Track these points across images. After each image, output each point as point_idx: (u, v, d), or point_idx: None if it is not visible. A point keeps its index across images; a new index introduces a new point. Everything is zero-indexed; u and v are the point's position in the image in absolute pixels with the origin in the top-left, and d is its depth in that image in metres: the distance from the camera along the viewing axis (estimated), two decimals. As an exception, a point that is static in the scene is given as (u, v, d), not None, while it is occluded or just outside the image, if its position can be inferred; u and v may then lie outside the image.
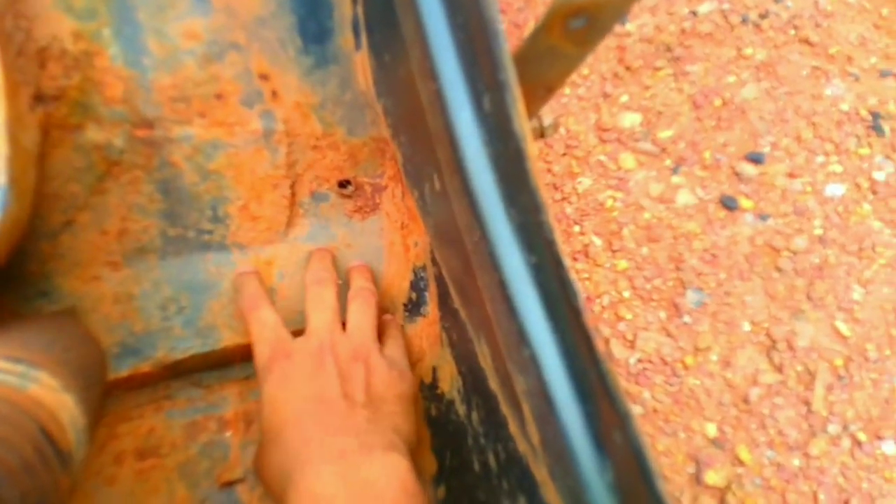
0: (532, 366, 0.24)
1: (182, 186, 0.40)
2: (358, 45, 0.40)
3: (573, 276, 0.21)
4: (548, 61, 0.25)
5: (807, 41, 0.76)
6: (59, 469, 0.21)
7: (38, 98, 0.35)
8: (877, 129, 0.73)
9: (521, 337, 0.24)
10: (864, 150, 0.72)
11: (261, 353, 0.39)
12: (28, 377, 0.23)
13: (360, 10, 0.39)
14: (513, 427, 0.30)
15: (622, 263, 0.63)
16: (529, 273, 0.24)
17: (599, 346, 0.21)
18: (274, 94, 0.40)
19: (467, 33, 0.25)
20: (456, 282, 0.35)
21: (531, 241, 0.24)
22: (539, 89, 0.27)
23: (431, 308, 0.41)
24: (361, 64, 0.40)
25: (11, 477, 0.17)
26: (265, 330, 0.40)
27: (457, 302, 0.36)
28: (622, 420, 0.20)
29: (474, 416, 0.35)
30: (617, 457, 0.21)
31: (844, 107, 0.73)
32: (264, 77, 0.40)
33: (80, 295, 0.40)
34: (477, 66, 0.25)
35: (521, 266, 0.24)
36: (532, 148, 0.22)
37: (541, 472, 0.27)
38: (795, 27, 0.77)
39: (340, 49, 0.41)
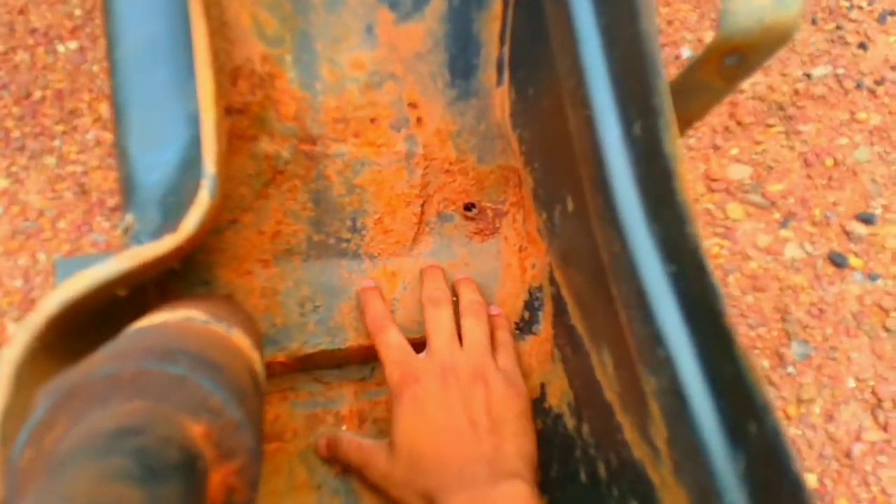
0: (666, 366, 0.26)
1: (330, 197, 0.45)
2: (500, 82, 0.44)
3: (715, 280, 0.23)
4: (696, 94, 0.28)
5: (924, 108, 0.75)
6: (260, 404, 0.25)
7: (228, 110, 0.41)
8: None
9: (656, 339, 0.27)
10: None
11: (391, 374, 0.42)
12: (230, 330, 0.27)
13: (506, 50, 0.43)
14: (628, 434, 0.32)
15: (726, 309, 0.64)
16: (668, 280, 0.27)
17: (739, 343, 0.23)
18: (419, 120, 0.45)
19: (623, 65, 0.28)
20: (578, 297, 0.37)
21: (673, 251, 0.26)
22: (681, 120, 0.30)
23: (544, 326, 0.44)
24: (500, 98, 0.44)
25: (239, 397, 0.21)
26: (392, 352, 0.43)
27: (574, 317, 0.38)
28: (759, 412, 0.22)
29: (584, 427, 0.37)
30: (751, 447, 0.23)
31: (963, 175, 0.72)
32: (413, 105, 0.45)
33: (234, 286, 0.44)
34: (629, 94, 0.28)
35: (659, 274, 0.27)
36: (682, 167, 0.25)
37: (659, 475, 0.29)
38: (912, 95, 0.76)
39: (482, 84, 0.45)
